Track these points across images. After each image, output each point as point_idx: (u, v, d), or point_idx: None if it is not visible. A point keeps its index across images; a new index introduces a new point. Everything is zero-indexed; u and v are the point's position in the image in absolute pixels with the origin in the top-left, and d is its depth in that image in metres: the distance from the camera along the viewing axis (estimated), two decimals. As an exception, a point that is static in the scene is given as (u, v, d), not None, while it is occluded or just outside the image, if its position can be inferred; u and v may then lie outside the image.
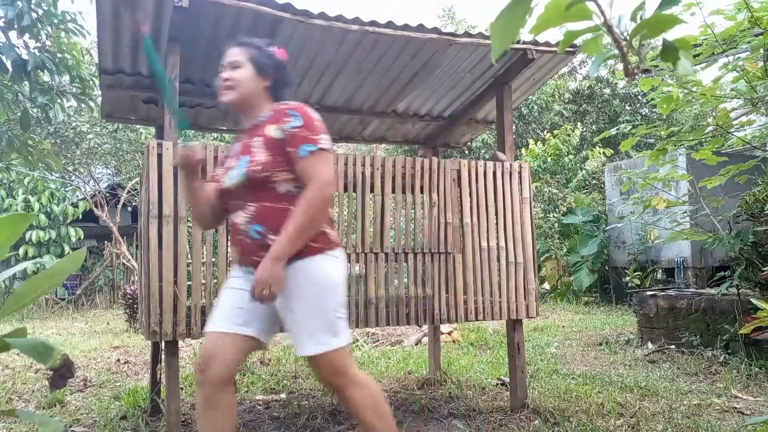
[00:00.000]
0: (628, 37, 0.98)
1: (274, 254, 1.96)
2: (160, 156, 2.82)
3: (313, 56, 3.52)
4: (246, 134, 2.20)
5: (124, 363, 5.42)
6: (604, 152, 12.13)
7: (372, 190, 3.37)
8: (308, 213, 1.98)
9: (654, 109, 14.10)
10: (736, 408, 3.54)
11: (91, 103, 5.32)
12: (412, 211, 3.46)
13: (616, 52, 1.00)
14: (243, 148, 2.16)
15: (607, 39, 1.01)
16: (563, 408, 3.50)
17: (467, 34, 3.39)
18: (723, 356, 4.74)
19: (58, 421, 2.58)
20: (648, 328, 5.70)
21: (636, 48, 1.01)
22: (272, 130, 2.08)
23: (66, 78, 5.00)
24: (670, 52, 0.99)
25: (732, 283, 4.93)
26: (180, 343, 3.17)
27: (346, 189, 3.39)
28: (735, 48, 3.78)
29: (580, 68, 16.98)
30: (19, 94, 4.72)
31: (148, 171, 2.82)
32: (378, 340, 6.46)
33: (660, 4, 0.98)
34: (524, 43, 3.49)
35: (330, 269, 2.09)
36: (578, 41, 1.02)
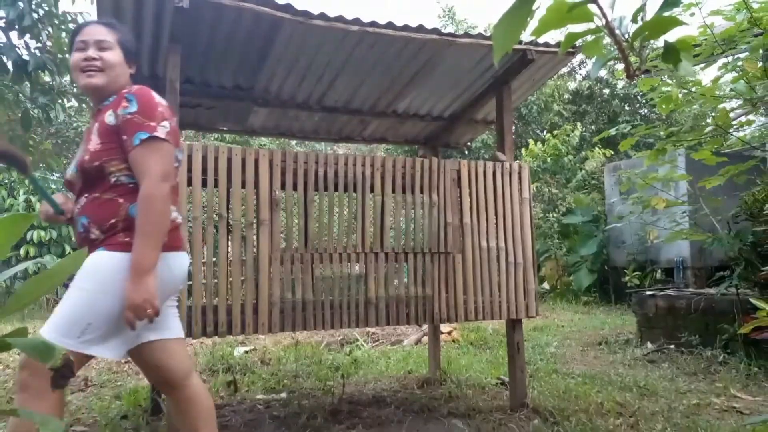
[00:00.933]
0: (629, 39, 0.98)
1: (137, 269, 1.75)
2: (160, 156, 2.83)
3: (312, 56, 3.53)
4: (93, 120, 2.04)
5: (125, 362, 5.42)
6: (603, 152, 12.13)
7: (372, 190, 3.38)
8: (154, 213, 1.79)
9: (653, 110, 14.10)
10: (735, 407, 3.54)
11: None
12: (412, 211, 3.47)
13: (617, 53, 1.01)
14: (85, 136, 2.00)
15: (607, 40, 1.01)
16: (563, 407, 3.50)
17: (467, 35, 3.39)
18: (722, 356, 4.75)
19: (58, 421, 2.58)
20: (647, 328, 5.71)
21: (637, 49, 1.02)
22: (108, 116, 1.90)
23: (67, 78, 5.00)
24: (671, 53, 1.00)
25: (731, 283, 4.94)
26: (180, 342, 3.17)
27: (346, 189, 3.40)
28: (734, 48, 3.79)
29: (580, 68, 16.98)
30: (20, 94, 4.73)
31: (149, 171, 2.82)
32: (378, 340, 6.47)
33: (661, 5, 0.99)
34: (524, 44, 3.50)
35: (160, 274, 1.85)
36: (578, 42, 1.03)
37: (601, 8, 0.92)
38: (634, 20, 1.02)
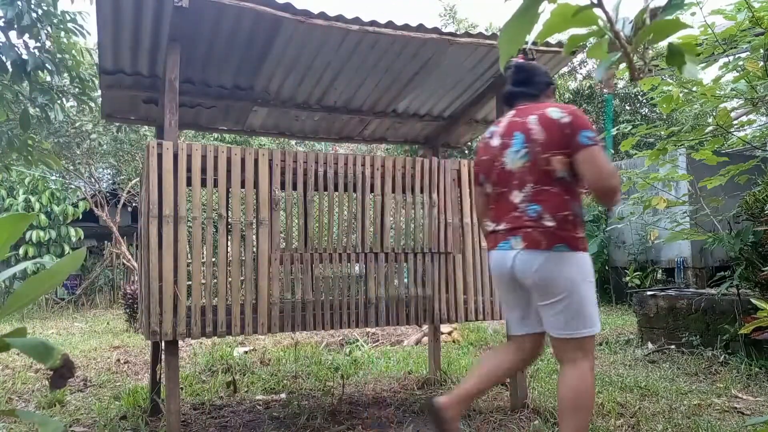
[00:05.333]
0: (632, 41, 0.98)
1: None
2: (160, 156, 2.82)
3: (313, 56, 3.52)
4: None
5: (124, 363, 5.42)
6: (604, 152, 12.10)
7: (372, 190, 3.37)
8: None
9: (654, 109, 14.08)
10: (736, 408, 3.53)
11: (92, 104, 5.31)
12: (412, 211, 3.46)
13: (621, 56, 1.00)
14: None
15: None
16: (563, 408, 3.49)
17: (467, 34, 3.38)
18: (723, 356, 4.74)
19: (57, 421, 2.58)
20: (648, 328, 5.70)
21: (641, 52, 1.02)
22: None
23: (66, 78, 4.99)
24: (676, 56, 0.99)
25: (732, 283, 4.92)
26: (180, 343, 3.17)
27: (346, 189, 3.39)
28: (735, 48, 3.78)
29: (580, 68, 16.96)
30: (19, 94, 4.72)
31: (149, 171, 2.82)
32: (378, 340, 6.46)
33: (665, 7, 0.98)
34: (524, 43, 3.49)
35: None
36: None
37: (606, 12, 0.91)
38: (637, 22, 1.02)
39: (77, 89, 4.99)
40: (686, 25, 0.98)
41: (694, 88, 4.01)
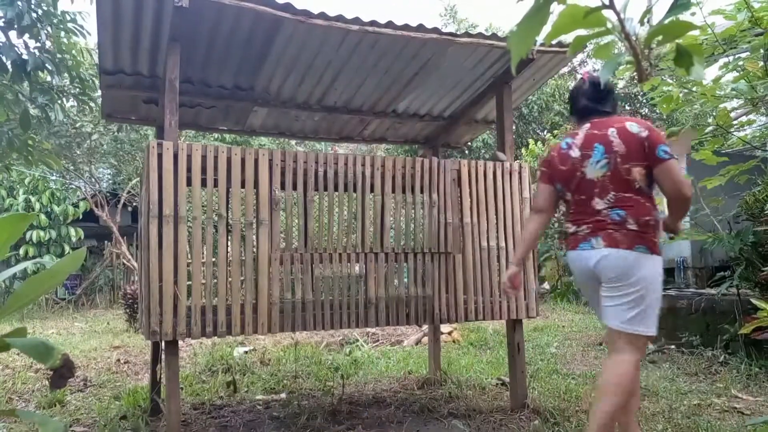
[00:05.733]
0: (639, 42, 0.98)
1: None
2: (160, 156, 2.82)
3: (313, 56, 3.52)
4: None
5: (124, 363, 5.42)
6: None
7: (372, 190, 3.37)
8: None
9: (654, 109, 14.08)
10: (736, 408, 3.53)
11: (92, 104, 5.31)
12: (412, 210, 3.46)
13: (628, 57, 1.00)
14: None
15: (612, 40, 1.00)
16: (563, 408, 3.49)
17: (467, 34, 3.38)
18: (723, 356, 4.74)
19: (58, 421, 2.58)
20: (648, 328, 5.69)
21: (647, 54, 1.01)
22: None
23: (67, 78, 4.99)
24: (684, 57, 0.99)
25: (732, 283, 4.92)
26: (180, 343, 3.17)
27: (346, 189, 3.39)
28: (735, 48, 3.78)
29: (581, 68, 16.95)
30: (19, 94, 4.71)
31: (149, 171, 2.82)
32: (378, 340, 6.46)
33: (671, 8, 0.98)
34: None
35: None
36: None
37: (618, 14, 0.90)
38: (641, 22, 1.01)
39: (77, 89, 4.99)
40: (695, 26, 0.98)
41: (694, 88, 4.01)
